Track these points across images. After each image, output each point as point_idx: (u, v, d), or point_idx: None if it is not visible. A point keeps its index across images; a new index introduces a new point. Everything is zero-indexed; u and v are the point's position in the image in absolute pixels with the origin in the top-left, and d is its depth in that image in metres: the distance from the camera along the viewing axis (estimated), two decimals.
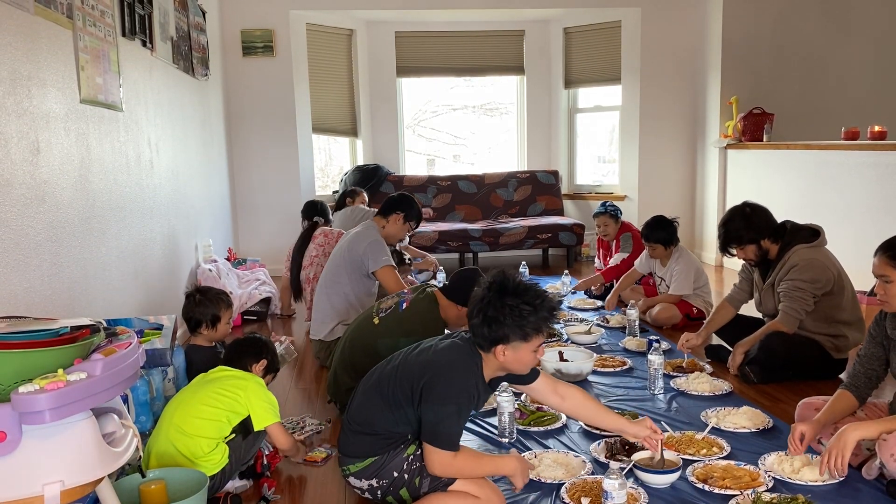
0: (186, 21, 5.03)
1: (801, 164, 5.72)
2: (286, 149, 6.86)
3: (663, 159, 7.21)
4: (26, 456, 1.55)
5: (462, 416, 2.22)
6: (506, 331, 2.13)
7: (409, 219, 4.05)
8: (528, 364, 2.25)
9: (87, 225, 3.06)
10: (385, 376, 2.32)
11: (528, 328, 2.13)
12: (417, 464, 2.26)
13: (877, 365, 2.59)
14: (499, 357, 2.18)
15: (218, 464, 2.41)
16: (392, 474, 2.27)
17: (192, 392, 2.52)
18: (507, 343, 2.15)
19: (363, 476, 2.29)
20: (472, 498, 2.24)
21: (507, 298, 2.13)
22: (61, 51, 2.85)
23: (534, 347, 2.19)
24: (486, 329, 2.15)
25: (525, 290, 2.15)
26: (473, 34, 7.54)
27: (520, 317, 2.12)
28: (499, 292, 2.15)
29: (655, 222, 4.63)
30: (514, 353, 2.17)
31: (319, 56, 7.07)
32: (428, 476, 2.25)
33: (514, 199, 7.48)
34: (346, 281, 3.92)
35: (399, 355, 2.38)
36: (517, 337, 2.14)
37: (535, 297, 2.15)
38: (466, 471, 2.25)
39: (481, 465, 2.30)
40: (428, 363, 2.25)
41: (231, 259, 5.86)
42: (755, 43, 6.60)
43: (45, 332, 1.65)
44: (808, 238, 3.54)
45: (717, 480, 2.44)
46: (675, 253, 4.65)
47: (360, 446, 2.30)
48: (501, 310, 2.12)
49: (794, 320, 3.47)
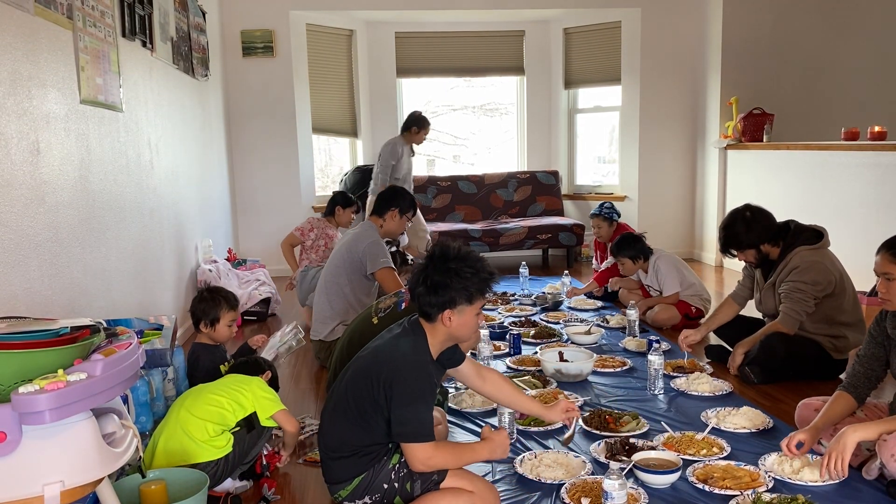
0: (186, 21, 5.03)
1: (801, 165, 5.72)
2: (286, 149, 6.86)
3: (663, 160, 7.21)
4: (26, 456, 1.55)
5: (429, 405, 2.26)
6: (452, 294, 2.20)
7: (404, 212, 4.06)
8: (471, 328, 2.30)
9: (87, 225, 3.06)
10: (341, 395, 2.31)
11: (472, 289, 2.21)
12: (405, 470, 2.26)
13: (876, 365, 2.58)
14: (445, 323, 2.23)
15: (222, 449, 2.44)
16: (382, 487, 2.26)
17: (201, 388, 2.61)
18: (454, 307, 2.21)
19: (355, 497, 2.28)
20: (465, 493, 2.24)
21: (449, 263, 2.21)
22: (61, 51, 2.85)
23: (476, 310, 2.26)
24: (432, 296, 2.21)
25: (465, 255, 2.25)
26: (473, 34, 7.55)
27: (464, 278, 2.20)
28: (441, 259, 2.23)
29: (622, 240, 4.79)
30: (460, 317, 2.23)
31: (319, 56, 7.07)
32: (418, 479, 2.25)
33: (514, 199, 7.49)
34: (346, 282, 3.92)
35: (347, 369, 2.37)
36: (463, 299, 2.21)
37: (475, 260, 2.24)
38: (451, 459, 2.27)
39: (462, 454, 2.33)
40: (377, 365, 2.25)
41: (231, 259, 5.86)
42: (755, 43, 6.60)
43: (45, 332, 1.65)
44: (812, 240, 3.54)
45: (717, 481, 2.44)
46: (651, 260, 4.72)
47: (343, 470, 2.28)
48: (446, 274, 2.20)
49: (795, 322, 3.47)
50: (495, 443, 2.33)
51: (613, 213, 5.51)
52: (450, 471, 2.27)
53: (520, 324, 4.64)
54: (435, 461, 2.22)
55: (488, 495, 2.28)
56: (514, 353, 4.03)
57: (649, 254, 4.72)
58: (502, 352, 4.07)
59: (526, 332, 4.38)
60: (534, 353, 3.98)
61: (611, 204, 5.61)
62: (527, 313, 4.98)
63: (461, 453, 2.33)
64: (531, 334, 4.37)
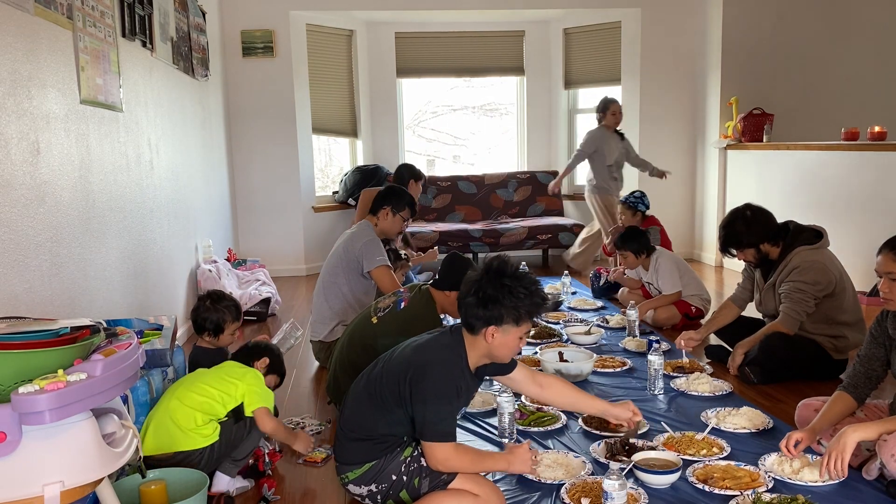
0: (186, 22, 5.03)
1: (801, 165, 5.72)
2: (286, 149, 6.86)
3: (663, 160, 7.19)
4: (26, 456, 1.55)
5: (453, 406, 2.24)
6: (501, 311, 2.15)
7: (398, 210, 4.05)
8: (512, 350, 2.27)
9: (87, 225, 3.06)
10: (373, 379, 2.33)
11: (521, 310, 2.17)
12: (415, 465, 2.27)
13: (877, 365, 2.58)
14: (488, 339, 2.20)
15: (208, 437, 2.46)
16: (391, 478, 2.27)
17: (196, 375, 2.63)
18: (500, 324, 2.17)
19: (362, 482, 2.29)
20: (471, 496, 2.25)
21: (504, 279, 2.17)
22: (61, 51, 2.85)
23: (521, 333, 2.22)
24: (480, 309, 2.17)
25: (522, 276, 2.21)
26: (473, 35, 7.55)
27: (516, 298, 2.15)
28: (497, 274, 2.19)
29: (627, 233, 4.81)
30: (504, 336, 2.19)
31: (319, 56, 7.07)
32: (427, 476, 2.25)
33: (514, 199, 7.49)
34: (344, 281, 3.93)
35: (385, 356, 2.39)
36: (510, 318, 2.17)
37: (530, 282, 2.21)
38: (468, 464, 2.26)
39: (481, 460, 2.33)
40: (410, 361, 2.26)
41: (231, 260, 5.86)
42: (755, 43, 6.60)
43: (45, 332, 1.65)
44: (811, 240, 3.54)
45: (717, 481, 2.44)
46: (653, 257, 4.71)
47: (356, 453, 2.30)
48: (500, 290, 2.16)
49: (795, 322, 3.47)
50: (515, 455, 2.33)
51: (639, 204, 5.41)
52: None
53: None
54: (452, 462, 2.21)
55: (494, 499, 2.28)
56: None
57: (652, 250, 4.72)
58: None
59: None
60: (534, 353, 3.98)
61: (640, 193, 5.49)
62: None
63: (480, 460, 2.32)
64: (531, 334, 4.37)
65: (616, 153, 6.24)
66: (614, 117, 6.26)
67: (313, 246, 7.02)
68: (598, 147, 6.19)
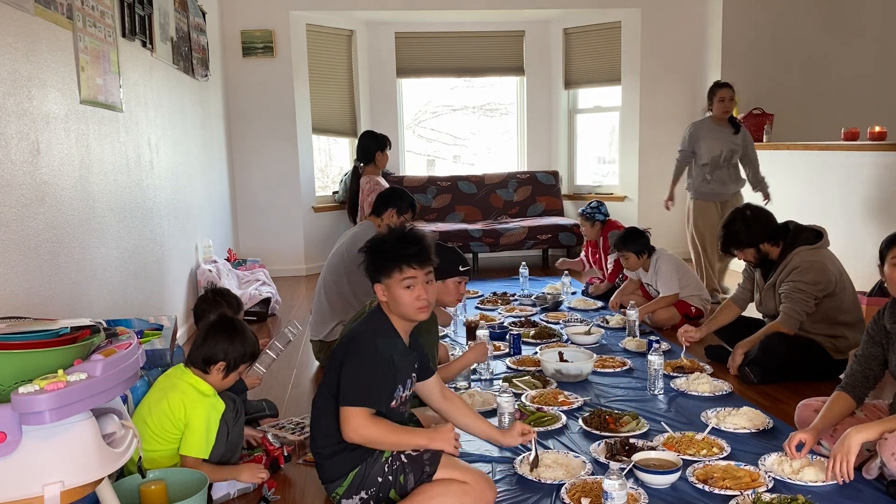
0: (186, 22, 5.03)
1: (801, 165, 5.71)
2: (286, 149, 6.86)
3: (663, 160, 7.17)
4: (26, 456, 1.55)
5: (379, 375, 2.26)
6: (370, 268, 2.35)
7: (402, 212, 4.08)
8: (407, 303, 2.31)
9: (86, 225, 3.06)
10: (323, 385, 2.36)
11: (389, 264, 2.31)
12: (398, 463, 2.26)
13: (874, 364, 2.59)
14: (381, 296, 2.35)
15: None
16: (377, 480, 2.27)
17: (148, 406, 2.46)
18: (379, 282, 2.34)
19: (352, 493, 2.28)
20: (457, 483, 2.24)
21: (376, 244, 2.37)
22: (61, 51, 2.85)
23: (405, 282, 2.30)
24: (366, 272, 2.38)
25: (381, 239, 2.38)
26: (473, 35, 7.55)
27: (378, 251, 2.34)
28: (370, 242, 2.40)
29: (627, 234, 4.74)
30: (390, 291, 2.31)
31: (319, 57, 7.07)
32: (411, 471, 2.25)
33: (514, 199, 7.49)
34: (346, 281, 3.93)
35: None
36: (381, 275, 2.32)
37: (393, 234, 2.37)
38: (383, 434, 2.24)
39: (397, 434, 2.29)
40: (341, 344, 2.38)
41: (231, 259, 5.86)
42: (755, 43, 6.60)
43: (45, 332, 1.65)
44: (811, 240, 3.55)
45: (717, 481, 2.44)
46: (653, 258, 4.70)
47: (337, 467, 2.30)
48: (369, 252, 2.37)
49: (795, 322, 3.47)
50: (438, 433, 2.33)
51: (596, 213, 5.42)
52: (442, 462, 2.27)
53: (520, 324, 4.64)
54: (365, 431, 2.21)
55: (482, 485, 2.27)
56: (514, 354, 4.03)
57: (653, 250, 4.72)
58: (502, 352, 4.07)
59: (526, 333, 4.38)
60: (534, 353, 3.98)
61: (597, 203, 5.51)
62: (527, 313, 4.98)
63: (396, 433, 2.29)
64: (531, 334, 4.37)
65: (718, 150, 5.18)
66: (722, 105, 5.20)
67: (313, 246, 7.02)
68: (693, 143, 5.32)
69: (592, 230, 5.44)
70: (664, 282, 4.60)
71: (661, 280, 4.62)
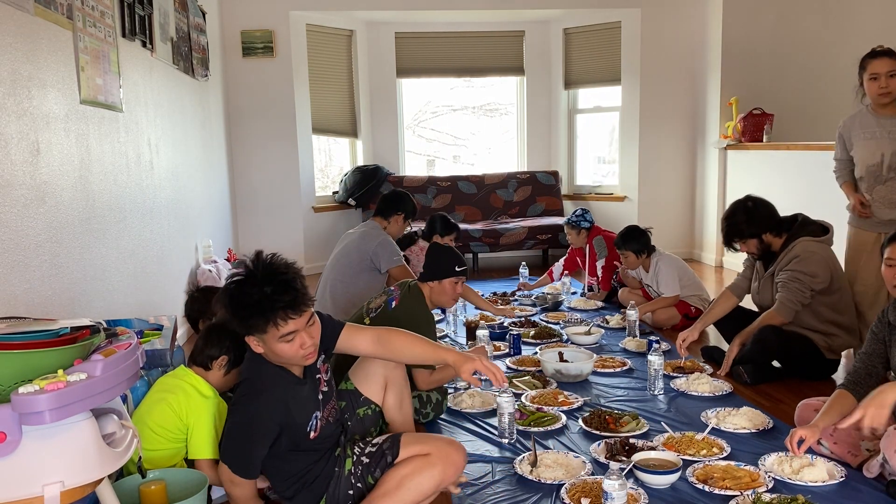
0: (186, 22, 5.03)
1: (801, 165, 5.71)
2: (286, 149, 6.87)
3: (663, 160, 7.22)
4: (26, 456, 1.55)
5: (257, 440, 2.08)
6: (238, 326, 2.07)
7: (408, 217, 4.12)
8: (290, 356, 2.05)
9: (86, 225, 3.06)
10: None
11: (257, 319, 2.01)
12: (360, 467, 2.23)
13: (877, 362, 2.59)
14: (256, 348, 2.07)
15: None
16: (349, 494, 2.22)
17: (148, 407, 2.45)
18: (252, 335, 2.06)
19: None
20: (419, 457, 2.20)
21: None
22: (61, 52, 2.85)
23: (280, 339, 2.01)
24: (230, 323, 2.10)
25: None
26: (473, 35, 7.55)
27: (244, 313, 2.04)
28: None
29: (628, 232, 4.73)
30: (266, 345, 2.05)
31: (319, 57, 7.07)
32: (375, 466, 2.22)
33: (514, 199, 7.49)
34: (353, 281, 3.94)
35: None
36: (254, 331, 2.04)
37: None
38: (246, 496, 2.14)
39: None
40: (236, 391, 2.20)
41: (231, 260, 5.85)
42: (755, 43, 6.60)
43: (45, 332, 1.65)
44: (817, 232, 3.54)
45: (717, 481, 2.44)
46: (653, 258, 4.70)
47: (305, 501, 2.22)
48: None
49: (790, 311, 3.46)
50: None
51: (581, 221, 5.41)
52: (403, 440, 2.23)
53: (520, 324, 4.64)
54: (235, 490, 2.14)
55: (446, 450, 2.24)
56: (514, 354, 4.03)
57: (653, 250, 4.72)
58: (502, 352, 4.07)
59: (526, 333, 4.38)
60: (534, 353, 3.98)
61: (581, 210, 5.49)
62: (527, 313, 4.98)
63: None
64: (531, 334, 4.37)
65: (876, 154, 3.58)
66: (875, 84, 3.49)
67: (313, 246, 7.02)
68: (848, 147, 3.84)
69: (578, 238, 5.45)
70: (665, 283, 4.60)
71: (662, 281, 4.61)
